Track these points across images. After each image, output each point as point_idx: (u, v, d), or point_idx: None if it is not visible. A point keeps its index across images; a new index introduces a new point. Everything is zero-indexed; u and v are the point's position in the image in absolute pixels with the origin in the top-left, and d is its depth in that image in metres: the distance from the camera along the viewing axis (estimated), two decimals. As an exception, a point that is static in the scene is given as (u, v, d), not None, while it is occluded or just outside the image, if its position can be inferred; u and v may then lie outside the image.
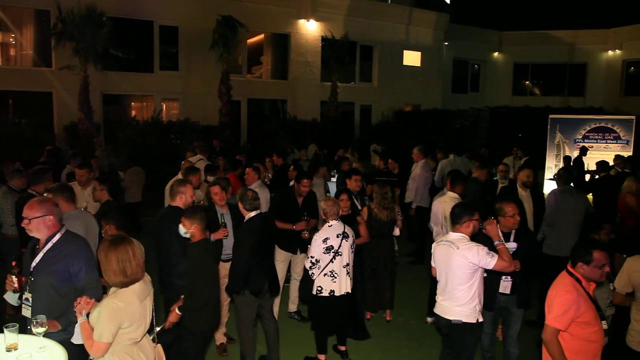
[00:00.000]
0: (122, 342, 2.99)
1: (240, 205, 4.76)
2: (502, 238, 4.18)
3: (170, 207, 4.73)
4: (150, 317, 3.19)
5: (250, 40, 18.03)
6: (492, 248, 4.04)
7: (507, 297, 4.55)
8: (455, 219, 4.14)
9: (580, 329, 3.17)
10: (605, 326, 3.26)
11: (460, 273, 4.01)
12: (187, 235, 4.09)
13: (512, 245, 4.36)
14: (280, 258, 5.99)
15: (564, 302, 3.18)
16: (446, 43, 22.22)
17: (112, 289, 3.06)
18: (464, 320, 4.07)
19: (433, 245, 4.38)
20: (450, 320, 4.10)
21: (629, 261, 3.95)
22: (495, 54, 24.71)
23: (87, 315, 3.00)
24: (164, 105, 16.27)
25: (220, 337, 5.45)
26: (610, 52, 23.59)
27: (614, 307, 4.46)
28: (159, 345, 3.40)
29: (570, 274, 3.31)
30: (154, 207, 7.65)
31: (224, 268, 5.12)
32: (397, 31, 20.27)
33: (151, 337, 3.35)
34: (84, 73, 12.80)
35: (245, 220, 4.76)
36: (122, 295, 2.98)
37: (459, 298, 4.07)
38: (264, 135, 15.86)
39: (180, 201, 4.67)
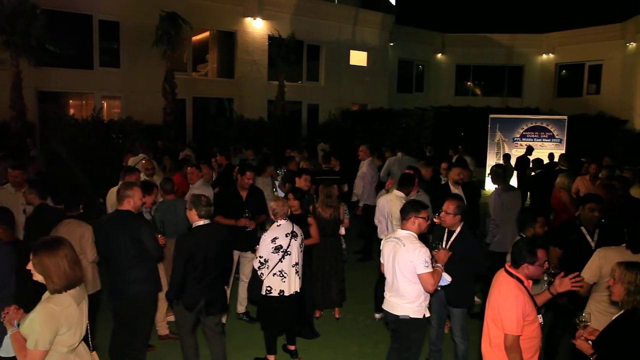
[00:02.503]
0: (59, 350, 2.84)
1: (193, 212, 4.42)
2: (442, 266, 4.23)
3: (119, 212, 4.52)
4: (86, 322, 3.04)
5: (196, 38, 17.66)
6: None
7: (442, 293, 4.67)
8: (403, 214, 4.23)
9: (526, 328, 3.26)
10: (540, 320, 3.38)
11: (406, 270, 4.08)
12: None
13: (447, 279, 4.27)
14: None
15: (517, 309, 3.21)
16: (392, 44, 22.61)
17: (45, 294, 2.90)
18: (411, 316, 4.15)
19: (382, 241, 4.42)
20: (398, 316, 4.17)
21: (599, 252, 4.06)
22: (439, 55, 25.39)
23: (18, 324, 2.82)
24: (105, 104, 15.67)
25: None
26: (544, 56, 24.76)
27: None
28: (94, 352, 3.24)
29: (511, 275, 3.38)
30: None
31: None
32: (343, 31, 20.44)
33: (90, 346, 3.19)
34: (15, 68, 12.10)
35: (192, 227, 4.49)
36: (58, 299, 2.83)
37: (406, 295, 4.14)
38: (210, 135, 15.58)
39: (129, 205, 4.49)
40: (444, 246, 4.57)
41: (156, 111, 14.55)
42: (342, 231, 6.31)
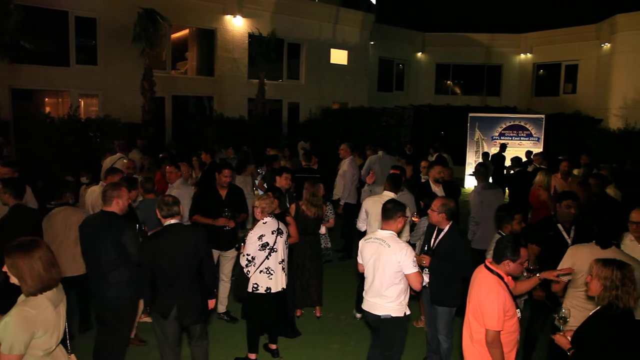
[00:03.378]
0: (35, 354, 2.78)
1: (157, 212, 4.35)
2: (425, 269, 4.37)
3: (105, 213, 4.43)
4: (64, 325, 2.98)
5: (175, 35, 17.45)
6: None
7: (427, 291, 4.70)
8: (389, 214, 4.20)
9: (505, 322, 3.32)
10: (519, 314, 3.43)
11: (391, 271, 4.09)
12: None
13: (425, 280, 4.59)
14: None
15: (498, 305, 3.27)
16: (372, 42, 22.67)
17: (21, 297, 2.84)
18: (392, 315, 4.17)
19: (360, 242, 4.41)
20: (380, 315, 4.18)
21: (571, 249, 4.14)
22: (419, 54, 25.55)
23: None
24: (82, 102, 15.37)
25: None
26: (522, 56, 25.11)
27: (527, 294, 4.72)
28: (72, 355, 3.18)
29: (492, 271, 3.43)
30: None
31: None
32: (324, 29, 20.42)
33: (67, 348, 3.13)
34: (-11, 65, 11.84)
35: (161, 228, 4.36)
36: (34, 302, 2.78)
37: (387, 295, 4.15)
38: (190, 133, 15.43)
39: (117, 206, 4.42)
40: (431, 244, 4.67)
41: (135, 109, 14.36)
42: (323, 230, 6.30)
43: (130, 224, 4.61)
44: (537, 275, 3.52)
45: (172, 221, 4.29)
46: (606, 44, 21.34)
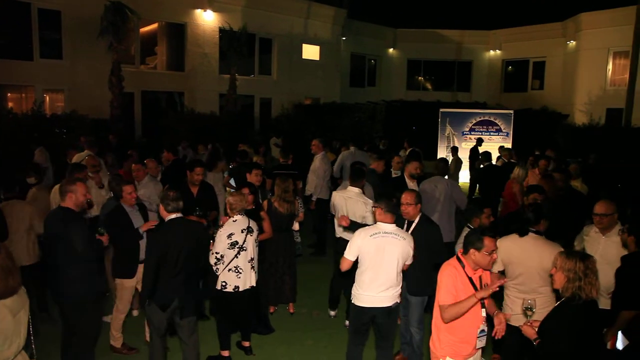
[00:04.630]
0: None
1: (161, 207, 4.40)
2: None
3: (60, 208, 4.36)
4: (26, 331, 2.86)
5: (144, 29, 17.12)
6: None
7: (404, 284, 4.73)
8: (390, 209, 4.23)
9: (460, 305, 3.36)
10: (483, 312, 3.46)
11: (402, 262, 4.19)
12: None
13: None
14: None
15: (445, 280, 3.42)
16: (344, 38, 22.69)
17: None
18: (398, 301, 4.30)
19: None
20: (391, 305, 4.23)
21: (498, 242, 4.24)
22: (391, 50, 25.71)
23: None
24: (47, 97, 14.97)
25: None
26: (491, 52, 25.55)
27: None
28: None
29: (457, 259, 3.51)
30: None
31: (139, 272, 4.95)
32: (295, 25, 20.34)
33: (28, 354, 3.01)
34: (-54, 59, 11.38)
35: (165, 222, 4.41)
36: None
37: (398, 284, 4.25)
38: (160, 129, 15.18)
39: (71, 201, 4.32)
40: None
41: (103, 105, 14.05)
42: (296, 226, 6.29)
43: (77, 218, 4.48)
44: (475, 294, 3.45)
45: (175, 215, 4.37)
46: (571, 41, 21.89)
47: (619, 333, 3.99)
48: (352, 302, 4.36)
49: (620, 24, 18.85)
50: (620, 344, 4.00)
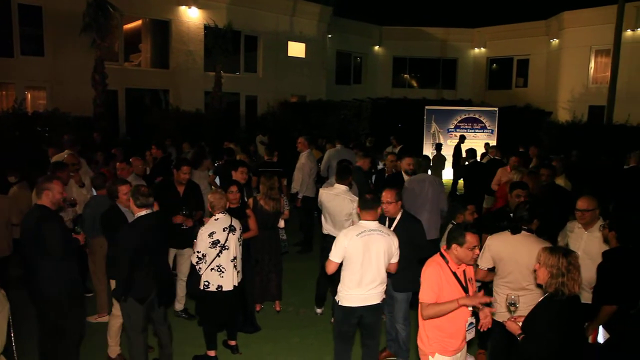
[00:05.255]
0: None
1: (130, 202, 4.43)
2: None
3: (37, 206, 4.31)
4: (6, 334, 2.81)
5: (128, 26, 16.94)
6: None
7: (389, 280, 4.75)
8: (371, 204, 4.20)
9: (447, 306, 3.37)
10: (470, 307, 3.48)
11: (388, 259, 4.18)
12: None
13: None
14: (164, 254, 5.72)
15: (429, 277, 3.43)
16: (330, 35, 22.68)
17: None
18: (384, 296, 4.29)
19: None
20: (379, 302, 4.24)
21: (489, 239, 4.29)
22: (376, 47, 25.74)
23: None
24: (29, 95, 14.74)
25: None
26: (476, 50, 25.72)
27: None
28: None
29: (441, 254, 3.53)
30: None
31: None
32: (281, 22, 20.27)
33: (8, 357, 2.96)
34: None
35: (135, 219, 4.42)
36: None
37: (384, 280, 4.24)
38: (145, 127, 15.03)
39: (47, 199, 4.27)
40: None
41: (86, 103, 13.87)
42: (282, 224, 6.28)
43: (52, 215, 4.41)
44: (458, 300, 3.45)
45: (146, 211, 4.39)
46: (555, 39, 22.12)
47: (600, 327, 4.05)
48: (338, 304, 4.22)
49: (602, 23, 19.09)
50: (601, 338, 4.06)
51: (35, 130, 11.74)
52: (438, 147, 14.11)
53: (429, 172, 7.59)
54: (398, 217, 4.77)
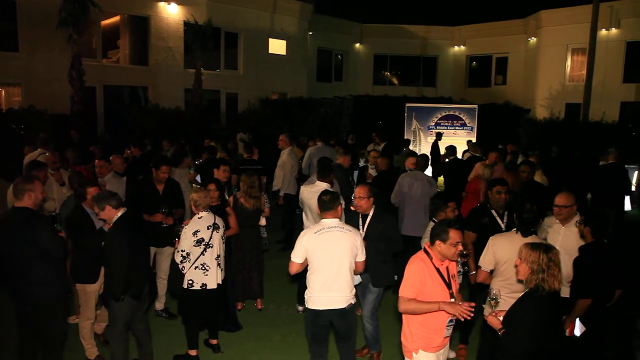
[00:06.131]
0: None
1: (108, 208, 4.33)
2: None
3: (17, 209, 4.14)
4: None
5: (106, 22, 16.63)
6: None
7: (365, 275, 4.77)
8: (330, 205, 4.13)
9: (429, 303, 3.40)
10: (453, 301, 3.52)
11: (352, 257, 4.08)
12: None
13: (357, 279, 4.64)
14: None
15: (411, 273, 3.45)
16: (311, 33, 22.62)
17: None
18: (352, 303, 4.17)
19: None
20: (345, 307, 4.10)
21: (491, 240, 4.27)
22: (357, 45, 25.76)
23: None
24: (3, 91, 14.41)
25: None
26: (456, 48, 25.93)
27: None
28: None
29: (425, 251, 3.56)
30: None
31: None
32: (262, 19, 20.16)
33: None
34: None
35: (116, 220, 4.35)
36: None
37: (350, 283, 4.11)
38: (124, 125, 14.81)
39: (30, 200, 4.13)
40: (361, 231, 4.69)
41: (62, 100, 13.60)
42: (263, 222, 6.25)
43: (43, 217, 4.36)
44: (439, 303, 3.45)
45: (122, 211, 4.39)
46: (532, 38, 22.44)
47: (577, 320, 4.13)
48: (307, 307, 4.15)
49: (578, 22, 19.43)
50: (577, 331, 4.14)
51: (10, 128, 11.48)
52: (406, 142, 14.12)
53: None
54: (371, 213, 4.79)
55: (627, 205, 11.19)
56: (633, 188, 11.58)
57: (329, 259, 4.00)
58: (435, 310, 3.33)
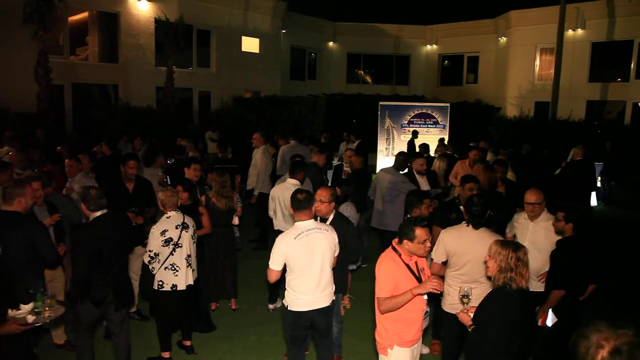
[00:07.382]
0: None
1: (82, 207, 4.25)
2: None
3: (5, 213, 3.98)
4: None
5: (73, 18, 16.25)
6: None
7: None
8: (304, 204, 4.04)
9: (400, 298, 3.41)
10: (425, 296, 3.55)
11: (332, 255, 4.08)
12: None
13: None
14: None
15: (383, 272, 3.46)
16: (284, 31, 22.55)
17: None
18: (333, 298, 4.20)
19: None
20: (329, 304, 4.11)
21: (443, 232, 4.35)
22: (330, 43, 25.80)
23: None
24: (-35, 89, 13.94)
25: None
26: (428, 47, 26.20)
27: None
28: None
29: (393, 248, 3.57)
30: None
31: None
32: (234, 16, 19.99)
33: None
34: None
35: (90, 220, 4.24)
36: None
37: (332, 282, 4.13)
38: (93, 124, 14.49)
39: (20, 205, 3.99)
40: None
41: (28, 98, 13.23)
42: (236, 221, 6.20)
43: (40, 222, 4.30)
44: (412, 290, 3.52)
45: (101, 212, 4.24)
46: (503, 37, 22.83)
47: (550, 311, 4.23)
48: (288, 308, 4.06)
49: (546, 22, 19.87)
50: (550, 322, 4.24)
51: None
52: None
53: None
54: (330, 218, 4.67)
55: (593, 201, 11.51)
56: (598, 184, 11.92)
57: (312, 264, 3.93)
58: (410, 298, 3.35)
